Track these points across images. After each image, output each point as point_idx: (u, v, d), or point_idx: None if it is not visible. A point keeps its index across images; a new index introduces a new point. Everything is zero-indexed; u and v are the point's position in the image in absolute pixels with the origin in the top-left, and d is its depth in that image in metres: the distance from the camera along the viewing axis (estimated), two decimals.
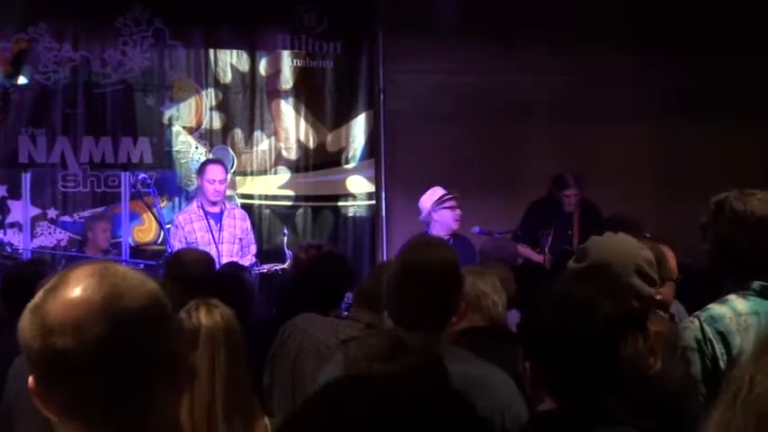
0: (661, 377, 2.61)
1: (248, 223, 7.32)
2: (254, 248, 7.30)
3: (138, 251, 7.94)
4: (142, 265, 6.85)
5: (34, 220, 7.98)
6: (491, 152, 8.66)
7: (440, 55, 8.56)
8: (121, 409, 1.36)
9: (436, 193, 7.11)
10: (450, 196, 7.05)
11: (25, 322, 1.37)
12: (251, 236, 7.32)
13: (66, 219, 8.05)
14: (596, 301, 2.43)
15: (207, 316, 2.56)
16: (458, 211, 7.04)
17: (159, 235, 7.93)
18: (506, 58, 8.67)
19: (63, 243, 8.01)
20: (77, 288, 1.36)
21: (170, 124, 8.28)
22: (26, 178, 7.92)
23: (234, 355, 2.57)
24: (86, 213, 8.01)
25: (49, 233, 8.02)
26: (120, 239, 8.00)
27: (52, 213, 8.04)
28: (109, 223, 7.86)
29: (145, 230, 8.16)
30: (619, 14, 8.73)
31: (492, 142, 8.68)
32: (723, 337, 2.85)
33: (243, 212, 7.41)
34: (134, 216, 8.10)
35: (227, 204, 7.25)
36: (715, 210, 2.95)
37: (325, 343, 3.50)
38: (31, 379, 1.37)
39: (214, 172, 7.18)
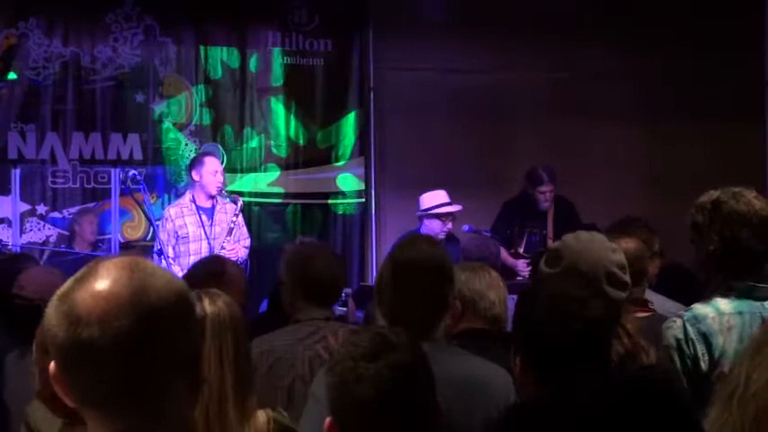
0: (660, 369, 2.65)
1: (240, 217, 7.24)
2: (248, 242, 7.24)
3: (127, 247, 7.92)
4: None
5: (23, 215, 7.96)
6: (481, 150, 8.68)
7: (430, 53, 8.57)
8: (140, 402, 1.38)
9: (435, 199, 7.14)
10: (444, 211, 7.07)
11: (52, 310, 1.39)
12: (244, 229, 7.25)
13: (56, 215, 8.04)
14: (588, 298, 2.45)
15: (211, 305, 2.53)
16: (449, 225, 7.08)
17: (149, 231, 7.93)
18: (496, 56, 8.69)
19: (52, 239, 7.99)
20: (107, 280, 1.38)
21: (160, 121, 8.27)
22: (15, 174, 7.90)
23: (240, 343, 2.55)
24: (76, 209, 7.99)
25: (39, 229, 8.00)
26: (110, 236, 7.99)
27: (42, 209, 8.02)
28: (95, 216, 7.86)
29: (134, 227, 8.15)
30: (609, 13, 8.75)
31: (482, 140, 8.70)
32: (705, 338, 2.87)
33: (234, 207, 7.27)
34: (124, 212, 8.09)
35: (219, 199, 7.19)
36: (712, 210, 2.96)
37: None
38: (52, 365, 1.39)
39: (215, 163, 7.13)
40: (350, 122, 8.63)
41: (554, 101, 8.77)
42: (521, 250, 7.32)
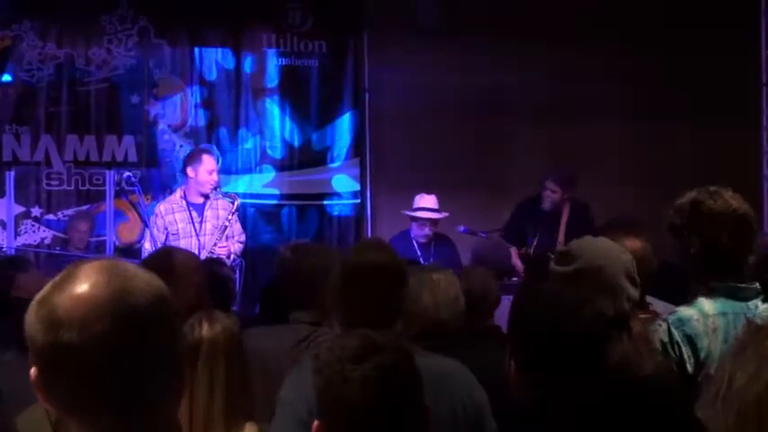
0: (653, 379, 2.62)
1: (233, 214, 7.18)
2: (243, 237, 7.12)
3: (122, 249, 7.91)
4: None
5: (18, 218, 7.96)
6: (476, 151, 8.67)
7: (425, 54, 8.56)
8: (122, 406, 1.38)
9: (418, 202, 7.19)
10: (418, 215, 7.08)
11: (31, 315, 1.39)
12: (238, 225, 7.10)
13: (51, 217, 8.04)
14: (583, 301, 2.44)
15: (209, 330, 2.64)
16: (425, 229, 7.08)
17: (143, 233, 7.90)
18: (491, 57, 8.68)
19: (47, 241, 7.99)
20: (86, 284, 1.38)
21: (155, 122, 8.26)
22: (10, 176, 7.90)
23: (234, 366, 2.64)
24: (71, 211, 7.99)
25: (33, 231, 8.00)
26: (105, 237, 7.98)
27: (36, 211, 8.03)
28: (89, 223, 7.85)
29: (130, 229, 8.14)
30: (605, 13, 8.74)
31: (477, 141, 8.69)
32: (690, 340, 2.88)
33: (226, 203, 7.09)
34: (119, 214, 8.08)
35: (211, 196, 7.03)
36: (691, 211, 2.96)
37: None
38: (33, 370, 1.39)
39: (211, 162, 6.99)
40: (345, 124, 8.63)
41: (550, 102, 8.76)
42: (531, 251, 7.24)
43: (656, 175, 8.62)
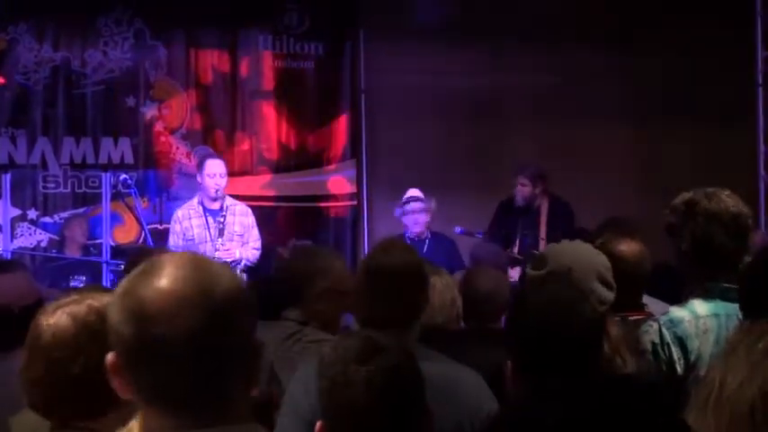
0: (636, 377, 2.62)
1: (251, 219, 7.14)
2: (258, 243, 7.12)
3: (118, 252, 7.89)
4: (123, 266, 6.80)
5: (14, 221, 7.95)
6: (473, 152, 8.66)
7: (422, 56, 8.55)
8: (202, 399, 1.40)
9: (406, 194, 7.16)
10: (410, 201, 7.06)
11: (115, 308, 1.40)
12: (255, 231, 7.13)
13: (47, 219, 8.02)
14: (579, 304, 2.43)
15: None
16: (418, 217, 7.07)
17: (140, 236, 7.89)
18: (488, 58, 8.67)
19: (43, 244, 7.98)
20: (171, 278, 1.39)
21: (151, 124, 8.25)
22: (6, 179, 7.88)
23: None
24: (67, 214, 7.98)
25: (30, 234, 7.98)
26: (101, 240, 7.96)
27: (33, 214, 8.01)
28: (85, 225, 7.84)
29: (126, 231, 8.12)
30: (601, 14, 8.73)
31: (474, 142, 8.68)
32: (681, 341, 2.86)
33: (245, 209, 7.18)
34: (115, 217, 8.06)
35: (229, 201, 7.10)
36: (686, 210, 2.95)
37: None
38: (112, 357, 1.40)
39: (213, 166, 7.03)
40: (341, 125, 8.61)
41: (545, 103, 8.75)
42: (515, 250, 7.25)
43: (656, 175, 8.60)
